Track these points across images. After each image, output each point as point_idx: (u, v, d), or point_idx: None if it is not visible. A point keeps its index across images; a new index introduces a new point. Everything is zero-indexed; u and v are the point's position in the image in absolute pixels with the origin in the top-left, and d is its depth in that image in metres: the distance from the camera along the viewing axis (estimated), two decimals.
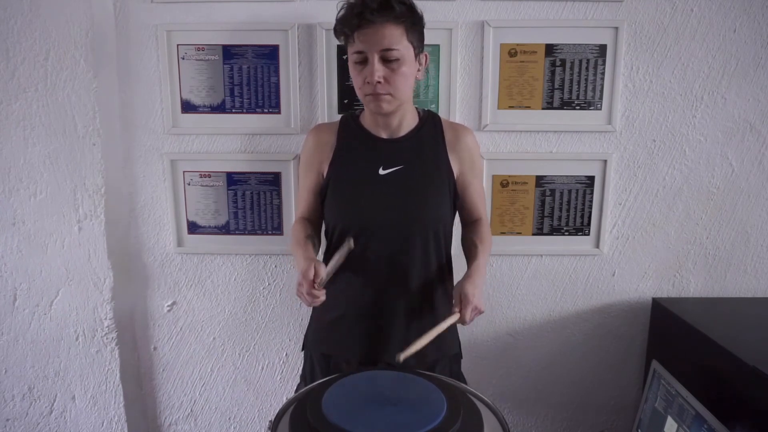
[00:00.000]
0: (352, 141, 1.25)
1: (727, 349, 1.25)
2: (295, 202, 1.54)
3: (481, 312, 1.12)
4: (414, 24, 1.13)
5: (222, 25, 1.48)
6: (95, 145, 1.49)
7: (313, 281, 1.08)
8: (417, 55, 1.16)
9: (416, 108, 1.28)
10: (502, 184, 1.57)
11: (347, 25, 1.11)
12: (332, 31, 1.18)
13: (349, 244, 1.09)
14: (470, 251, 1.24)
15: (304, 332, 1.37)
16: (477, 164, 1.30)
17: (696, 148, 1.55)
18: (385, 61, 1.11)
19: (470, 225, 1.30)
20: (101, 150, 1.50)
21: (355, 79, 1.16)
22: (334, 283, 1.22)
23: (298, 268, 1.14)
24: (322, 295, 1.10)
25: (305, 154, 1.30)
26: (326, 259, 1.30)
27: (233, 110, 1.53)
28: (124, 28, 1.49)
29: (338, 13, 1.14)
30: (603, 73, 1.50)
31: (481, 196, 1.33)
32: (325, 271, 1.10)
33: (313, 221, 1.31)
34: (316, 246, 1.26)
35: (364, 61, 1.12)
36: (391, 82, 1.12)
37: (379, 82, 1.11)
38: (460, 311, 1.09)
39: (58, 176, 1.51)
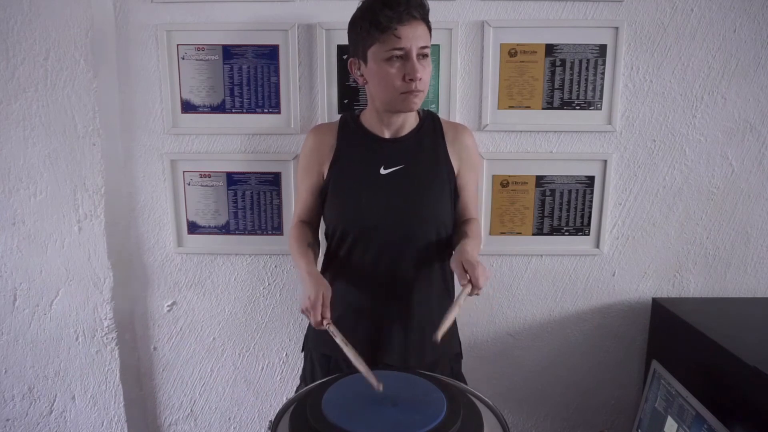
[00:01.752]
0: (353, 141, 1.25)
1: (727, 349, 1.25)
2: (294, 202, 1.54)
3: (488, 278, 1.09)
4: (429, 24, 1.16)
5: (222, 25, 1.48)
6: (95, 145, 1.49)
7: (321, 316, 1.07)
8: None
9: None
10: (502, 184, 1.57)
11: (394, 19, 1.08)
12: (346, 34, 1.18)
13: (379, 388, 0.95)
14: (460, 237, 1.22)
15: (305, 332, 1.37)
16: (475, 164, 1.31)
17: (696, 148, 1.55)
18: (422, 57, 1.12)
19: (462, 222, 1.30)
20: (101, 150, 1.50)
21: (390, 77, 1.12)
22: (336, 283, 1.22)
23: (305, 290, 1.12)
24: (325, 326, 1.09)
25: (304, 155, 1.29)
26: (327, 264, 1.29)
27: (233, 110, 1.53)
28: (124, 28, 1.49)
29: (368, 6, 1.11)
30: (603, 73, 1.50)
31: (475, 198, 1.33)
32: (337, 334, 1.06)
33: (311, 223, 1.31)
34: (317, 253, 1.26)
35: (403, 58, 1.11)
36: (424, 79, 1.13)
37: (420, 79, 1.11)
38: (471, 281, 1.06)
39: (58, 176, 1.51)
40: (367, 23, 1.11)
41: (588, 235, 1.60)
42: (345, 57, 1.48)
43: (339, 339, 1.05)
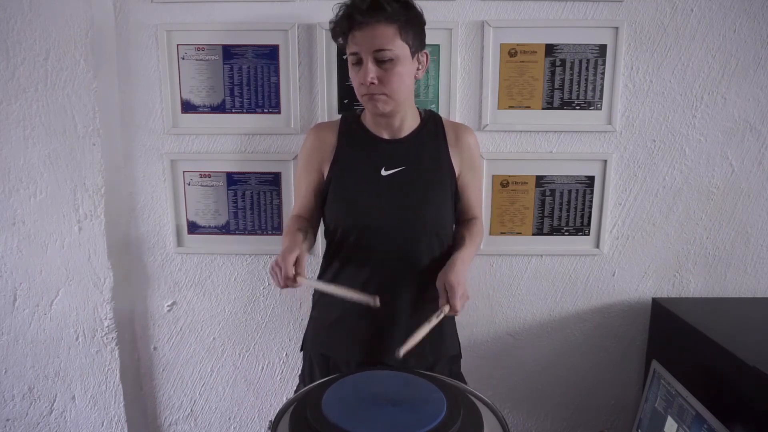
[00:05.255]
0: (354, 141, 1.25)
1: (727, 349, 1.25)
2: (293, 199, 1.53)
3: (467, 298, 1.11)
4: (408, 22, 1.11)
5: (222, 25, 1.48)
6: (95, 145, 1.49)
7: (295, 272, 1.04)
8: (414, 54, 1.14)
9: (417, 108, 1.28)
10: (502, 184, 1.57)
11: (340, 27, 1.12)
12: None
13: (375, 302, 1.03)
14: (457, 243, 1.25)
15: (304, 333, 1.37)
16: (477, 164, 1.30)
17: (696, 148, 1.55)
18: (379, 61, 1.10)
19: (464, 222, 1.30)
20: (101, 150, 1.49)
21: (353, 80, 1.17)
22: (336, 283, 1.21)
23: (282, 250, 1.09)
24: (295, 285, 1.05)
25: (305, 154, 1.29)
26: (327, 264, 1.29)
27: (233, 110, 1.53)
28: (124, 28, 1.49)
29: (335, 14, 1.14)
30: (603, 73, 1.50)
31: (479, 197, 1.33)
32: (313, 280, 1.06)
33: (309, 219, 1.31)
34: (308, 238, 1.23)
35: (359, 62, 1.12)
36: (385, 82, 1.11)
37: (372, 83, 1.10)
38: (449, 302, 1.09)
39: (58, 176, 1.51)
40: (332, 32, 1.16)
41: (588, 235, 1.60)
42: (345, 57, 1.48)
43: (318, 284, 1.06)
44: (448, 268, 1.15)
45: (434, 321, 1.07)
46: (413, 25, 1.13)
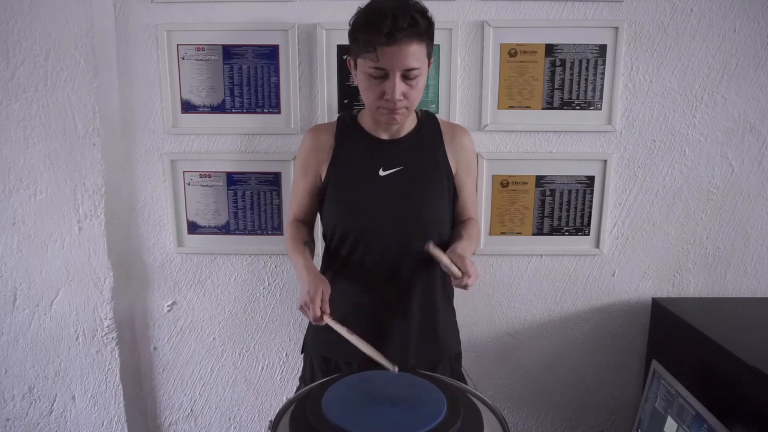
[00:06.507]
0: (351, 142, 1.24)
1: (727, 349, 1.25)
2: (290, 201, 1.53)
3: (477, 273, 1.08)
4: (431, 37, 1.11)
5: (222, 25, 1.48)
6: (95, 145, 1.49)
7: (321, 309, 1.06)
8: (429, 65, 1.14)
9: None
10: (502, 184, 1.57)
11: (373, 42, 1.05)
12: (347, 34, 1.13)
13: (394, 370, 1.00)
14: (454, 238, 1.22)
15: (304, 333, 1.37)
16: (472, 165, 1.31)
17: (696, 148, 1.55)
18: (406, 78, 1.09)
19: (460, 222, 1.30)
20: (101, 150, 1.50)
21: (369, 91, 1.12)
22: (336, 284, 1.22)
23: (303, 285, 1.11)
24: (326, 321, 1.08)
25: (302, 156, 1.29)
26: (327, 265, 1.29)
27: (233, 110, 1.53)
28: (124, 28, 1.49)
29: (356, 18, 1.09)
30: (603, 73, 1.50)
31: (473, 198, 1.33)
32: (339, 325, 1.06)
33: (306, 222, 1.31)
34: (313, 251, 1.27)
35: (382, 77, 1.08)
36: (409, 97, 1.11)
37: (400, 99, 1.09)
38: (460, 269, 1.06)
39: (58, 176, 1.51)
40: (353, 37, 1.10)
41: (588, 235, 1.60)
42: (345, 57, 1.48)
43: (342, 330, 1.05)
44: (449, 250, 1.12)
45: (445, 259, 1.07)
46: (433, 39, 1.13)
